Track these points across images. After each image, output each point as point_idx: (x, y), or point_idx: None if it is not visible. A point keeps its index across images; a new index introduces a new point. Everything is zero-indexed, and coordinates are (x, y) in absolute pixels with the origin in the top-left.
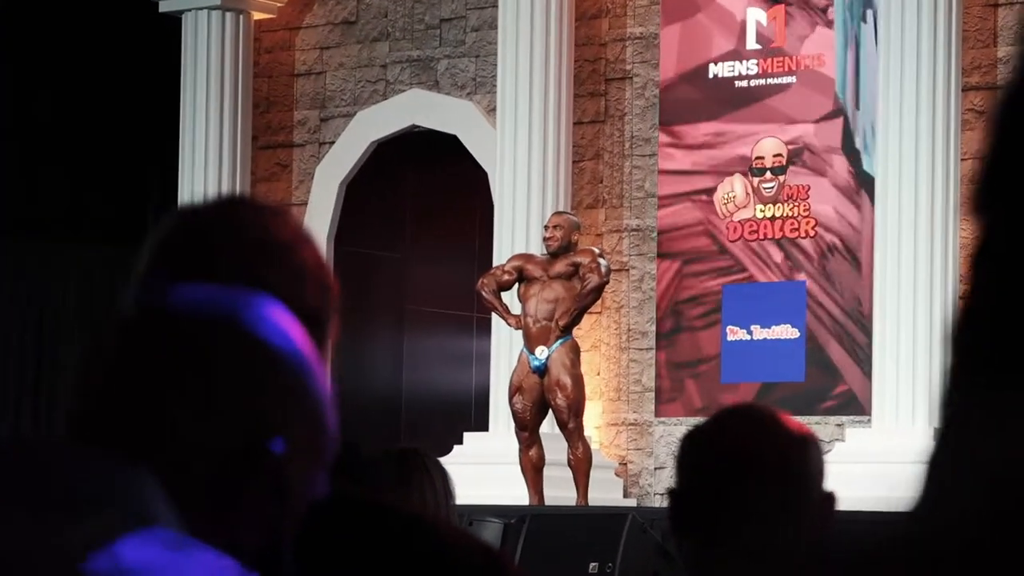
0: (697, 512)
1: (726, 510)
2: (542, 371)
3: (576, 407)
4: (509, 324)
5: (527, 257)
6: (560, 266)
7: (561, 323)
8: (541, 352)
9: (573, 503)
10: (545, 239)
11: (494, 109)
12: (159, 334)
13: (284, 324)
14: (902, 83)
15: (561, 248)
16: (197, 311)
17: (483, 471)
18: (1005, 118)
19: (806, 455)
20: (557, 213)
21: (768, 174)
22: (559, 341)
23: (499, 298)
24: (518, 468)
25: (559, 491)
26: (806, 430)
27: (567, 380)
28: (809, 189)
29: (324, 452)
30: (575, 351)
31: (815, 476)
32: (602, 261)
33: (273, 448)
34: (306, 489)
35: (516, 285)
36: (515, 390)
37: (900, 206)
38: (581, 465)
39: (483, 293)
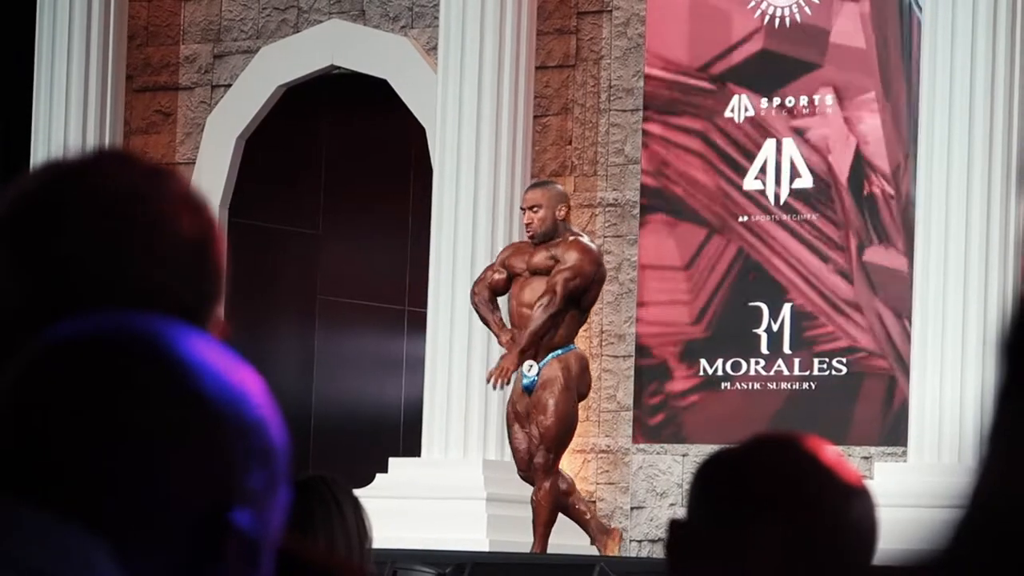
0: (701, 548)
1: (734, 551)
2: (531, 390)
3: (552, 440)
4: (501, 344)
5: (516, 247)
6: (539, 258)
7: (521, 346)
8: (530, 368)
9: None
10: (525, 225)
11: (435, 47)
12: (76, 376)
13: (221, 361)
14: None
15: (544, 235)
16: (117, 347)
17: (413, 507)
18: None
19: (849, 505)
20: (533, 186)
21: (789, 132)
22: (552, 353)
23: (493, 309)
24: (455, 503)
25: (511, 535)
26: (855, 477)
27: (549, 402)
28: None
29: (283, 507)
30: (577, 365)
31: (855, 534)
32: (585, 265)
33: (237, 521)
34: (271, 552)
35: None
36: (512, 419)
37: (948, 184)
38: (542, 509)
39: (476, 306)
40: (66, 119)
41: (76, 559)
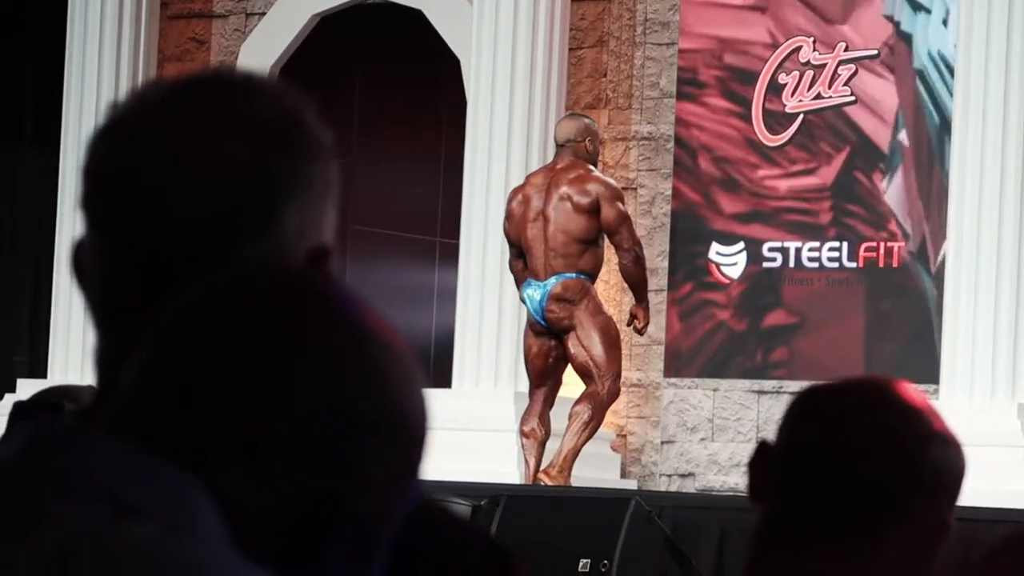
0: (782, 477)
1: (805, 481)
2: None
3: None
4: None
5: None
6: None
7: None
8: None
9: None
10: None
11: None
12: (234, 335)
13: (377, 339)
14: None
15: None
16: (269, 302)
17: (445, 438)
18: None
19: (936, 449)
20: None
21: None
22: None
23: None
24: (486, 435)
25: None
26: (943, 423)
27: None
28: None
29: (408, 504)
30: None
31: (942, 479)
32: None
33: (354, 509)
34: (392, 528)
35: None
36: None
37: (984, 125)
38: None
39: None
40: (100, 46)
41: (172, 495)
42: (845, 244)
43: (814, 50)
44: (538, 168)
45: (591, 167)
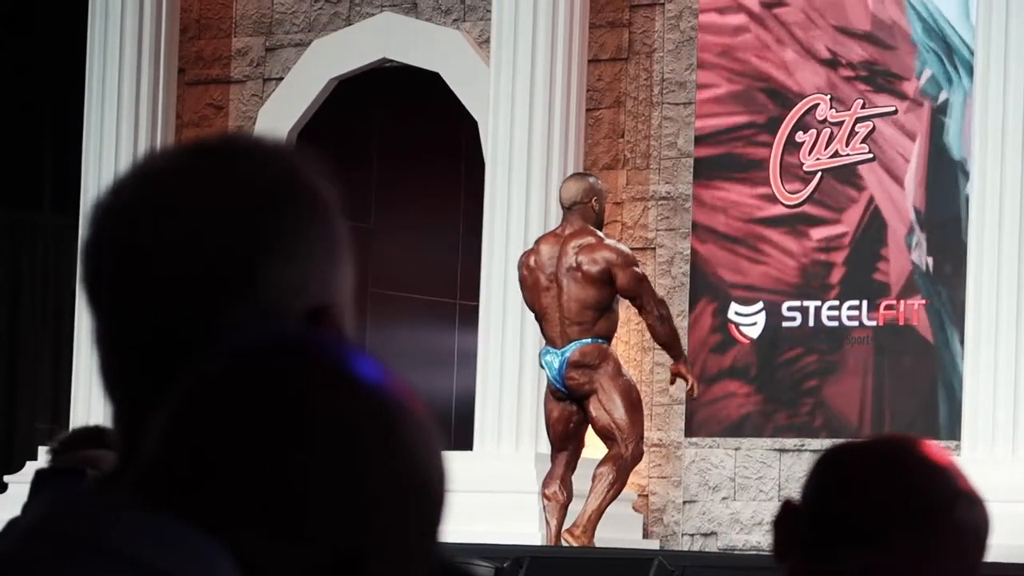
0: (807, 535)
1: (830, 539)
2: None
3: None
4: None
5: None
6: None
7: None
8: None
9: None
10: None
11: (487, 40)
12: (243, 395)
13: (400, 390)
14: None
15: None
16: (289, 365)
17: (467, 501)
18: None
19: (962, 508)
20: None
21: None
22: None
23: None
24: (508, 497)
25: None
26: (968, 482)
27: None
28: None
29: (434, 543)
30: None
31: (953, 545)
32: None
33: (370, 568)
34: None
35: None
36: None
37: (1002, 182)
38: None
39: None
40: (118, 113)
41: (195, 559)
42: (864, 302)
43: (831, 108)
44: (546, 233)
45: (599, 233)
